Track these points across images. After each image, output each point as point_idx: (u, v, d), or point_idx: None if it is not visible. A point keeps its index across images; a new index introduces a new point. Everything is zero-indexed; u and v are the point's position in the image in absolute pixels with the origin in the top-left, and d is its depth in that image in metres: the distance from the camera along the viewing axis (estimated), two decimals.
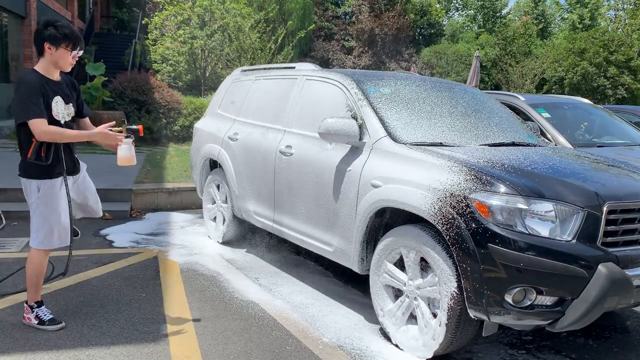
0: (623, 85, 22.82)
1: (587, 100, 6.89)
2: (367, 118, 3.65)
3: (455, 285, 2.87)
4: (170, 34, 16.31)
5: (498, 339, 3.44)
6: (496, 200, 2.77)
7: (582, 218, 2.75)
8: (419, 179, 3.10)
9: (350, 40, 27.17)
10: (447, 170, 3.02)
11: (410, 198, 3.08)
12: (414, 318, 3.23)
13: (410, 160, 3.25)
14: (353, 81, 3.95)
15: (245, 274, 4.47)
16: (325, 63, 24.56)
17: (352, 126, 3.55)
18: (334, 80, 4.11)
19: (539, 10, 37.23)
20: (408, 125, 3.66)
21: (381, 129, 3.56)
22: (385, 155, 3.41)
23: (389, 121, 3.63)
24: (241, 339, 3.28)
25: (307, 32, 20.80)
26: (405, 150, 3.33)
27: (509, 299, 2.71)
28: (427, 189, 3.02)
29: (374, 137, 3.54)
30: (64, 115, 3.25)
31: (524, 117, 5.41)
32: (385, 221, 3.49)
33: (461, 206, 2.84)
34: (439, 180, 2.99)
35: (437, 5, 33.10)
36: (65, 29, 3.14)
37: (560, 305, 2.74)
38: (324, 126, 3.58)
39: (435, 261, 2.96)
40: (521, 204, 2.74)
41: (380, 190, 3.29)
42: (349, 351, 3.19)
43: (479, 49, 18.67)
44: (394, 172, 3.27)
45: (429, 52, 27.18)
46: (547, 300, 2.74)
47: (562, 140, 5.30)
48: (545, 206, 2.76)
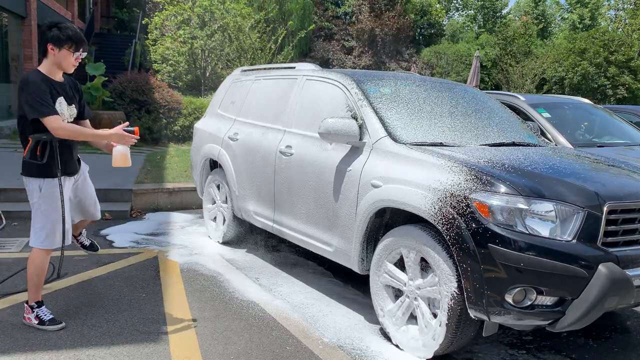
0: (623, 85, 22.81)
1: (588, 100, 6.88)
2: (367, 118, 3.65)
3: (455, 285, 2.87)
4: (170, 34, 16.32)
5: (498, 339, 3.44)
6: (496, 200, 2.77)
7: (583, 218, 2.75)
8: (419, 179, 3.10)
9: (351, 41, 27.17)
10: (448, 170, 3.02)
11: (411, 198, 3.08)
12: (414, 318, 3.22)
13: (411, 160, 3.25)
14: (353, 81, 3.95)
15: (246, 274, 4.47)
16: (325, 63, 24.57)
17: (352, 126, 3.55)
18: (334, 80, 4.11)
19: (539, 10, 37.25)
20: (408, 125, 3.66)
21: (381, 129, 3.56)
22: (385, 155, 3.41)
23: (389, 121, 3.63)
24: (241, 339, 3.28)
25: (307, 32, 20.82)
26: (405, 150, 3.33)
27: (509, 299, 2.71)
28: (428, 189, 3.02)
29: (374, 137, 3.54)
30: (66, 116, 3.26)
31: (524, 117, 5.41)
32: (385, 221, 3.49)
33: (461, 206, 2.84)
34: (439, 180, 2.99)
35: (437, 5, 33.11)
36: (68, 31, 3.15)
37: (561, 306, 2.74)
38: (324, 126, 3.58)
39: (436, 261, 2.96)
40: (521, 204, 2.74)
41: (381, 190, 3.29)
42: (349, 351, 3.19)
43: (479, 49, 18.68)
44: (394, 172, 3.27)
45: (429, 52, 27.19)
46: (548, 300, 2.74)
47: (563, 140, 5.29)
48: (545, 206, 2.76)
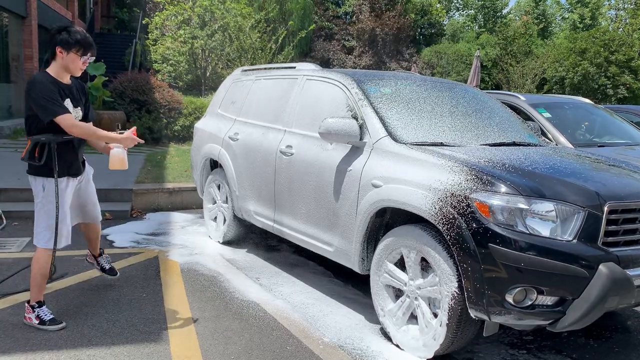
0: (624, 84, 22.81)
1: (588, 100, 6.88)
2: (368, 118, 3.65)
3: (456, 285, 2.87)
4: (170, 34, 16.32)
5: (499, 339, 3.44)
6: (497, 200, 2.77)
7: (583, 218, 2.75)
8: (419, 178, 3.09)
9: (351, 40, 27.17)
10: (448, 170, 3.02)
11: (411, 198, 3.08)
12: (414, 318, 3.22)
13: (411, 160, 3.24)
14: (353, 81, 3.95)
15: (246, 274, 4.47)
16: (325, 63, 24.58)
17: (353, 126, 3.55)
18: (334, 80, 4.11)
19: (540, 9, 37.23)
20: (409, 125, 3.65)
21: (382, 129, 3.55)
22: (385, 155, 3.40)
23: (390, 121, 3.63)
24: (242, 338, 3.28)
25: (308, 32, 20.81)
26: (405, 150, 3.33)
27: (509, 298, 2.71)
28: (428, 188, 3.01)
29: (375, 137, 3.54)
30: None
31: (525, 117, 5.41)
32: (385, 221, 3.49)
33: (462, 206, 2.83)
34: (439, 180, 2.99)
35: (438, 5, 33.12)
36: (77, 35, 3.20)
37: (561, 305, 2.74)
38: (324, 126, 3.58)
39: (436, 261, 2.96)
40: (522, 204, 2.74)
41: (381, 190, 3.29)
42: (349, 351, 3.19)
43: (479, 49, 18.68)
44: (394, 172, 3.26)
45: (429, 52, 27.20)
46: (548, 300, 2.74)
47: (563, 140, 5.29)
48: (546, 206, 2.75)
